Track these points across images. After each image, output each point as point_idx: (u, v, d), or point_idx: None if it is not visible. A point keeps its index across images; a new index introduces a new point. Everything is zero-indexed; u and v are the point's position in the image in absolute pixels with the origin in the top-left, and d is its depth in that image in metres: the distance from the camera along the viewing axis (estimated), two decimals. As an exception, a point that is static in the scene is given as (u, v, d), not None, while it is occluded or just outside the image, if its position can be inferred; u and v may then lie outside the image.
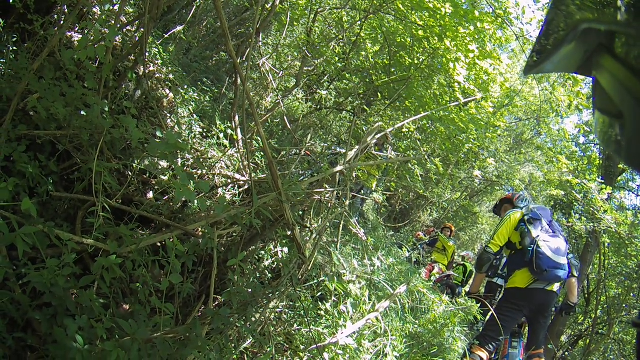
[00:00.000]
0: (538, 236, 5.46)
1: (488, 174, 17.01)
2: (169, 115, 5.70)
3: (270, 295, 3.76)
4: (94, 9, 5.84)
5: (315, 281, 4.40)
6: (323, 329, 3.90)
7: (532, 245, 5.44)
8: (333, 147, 8.59)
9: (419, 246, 13.20)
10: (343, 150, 5.83)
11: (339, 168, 4.80)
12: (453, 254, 13.17)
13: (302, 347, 3.79)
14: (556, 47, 0.93)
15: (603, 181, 10.54)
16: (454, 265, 12.98)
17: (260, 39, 8.41)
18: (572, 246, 12.72)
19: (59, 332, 2.61)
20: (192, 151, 5.24)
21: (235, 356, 3.45)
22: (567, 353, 12.66)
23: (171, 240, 3.18)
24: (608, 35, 0.82)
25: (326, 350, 3.63)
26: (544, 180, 14.85)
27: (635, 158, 0.76)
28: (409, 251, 11.74)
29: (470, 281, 12.24)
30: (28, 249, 2.57)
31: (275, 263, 4.55)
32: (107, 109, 3.69)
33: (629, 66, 0.75)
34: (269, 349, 3.64)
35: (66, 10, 5.21)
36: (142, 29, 4.48)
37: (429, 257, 13.23)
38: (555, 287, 5.50)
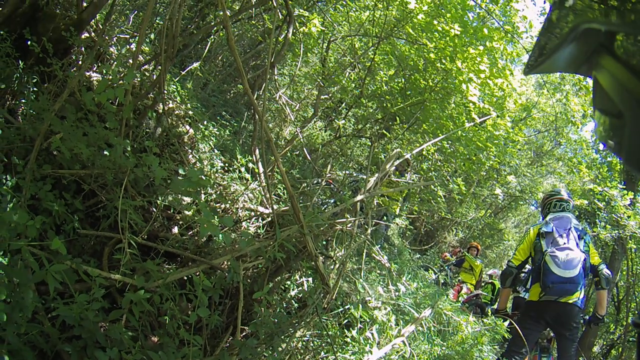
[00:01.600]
0: (546, 250, 5.45)
1: (511, 189, 16.89)
2: (190, 150, 5.80)
3: (296, 324, 3.80)
4: (111, 49, 6.00)
5: (341, 309, 4.43)
6: (350, 356, 3.92)
7: (540, 261, 5.46)
8: (354, 174, 8.63)
9: (446, 267, 13.13)
10: (364, 177, 5.88)
11: (359, 197, 4.85)
12: (481, 272, 13.06)
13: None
14: (557, 46, 0.95)
15: (625, 186, 10.41)
16: (482, 284, 12.86)
17: (276, 71, 8.55)
18: (599, 255, 12.56)
19: (90, 363, 2.69)
20: (215, 186, 5.32)
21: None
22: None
23: (197, 275, 3.24)
24: (608, 35, 0.83)
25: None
26: (567, 191, 14.68)
27: (635, 158, 0.78)
28: (435, 273, 11.67)
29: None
30: (58, 285, 2.65)
31: (302, 292, 4.59)
32: (129, 148, 3.79)
33: (629, 66, 0.77)
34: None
35: (83, 51, 5.36)
36: (159, 67, 4.60)
37: (457, 277, 13.13)
38: (574, 299, 5.43)
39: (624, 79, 0.78)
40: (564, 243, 5.47)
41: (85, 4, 5.11)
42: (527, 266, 6.06)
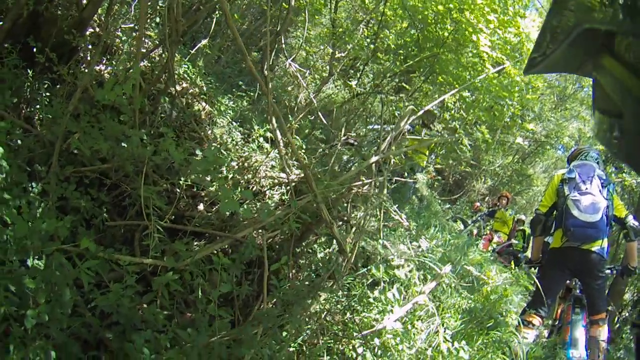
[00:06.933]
0: (568, 195, 5.45)
1: (536, 134, 16.68)
2: (208, 127, 5.86)
3: (311, 295, 3.89)
4: (117, 40, 6.02)
5: (365, 270, 4.50)
6: (375, 315, 4.01)
7: (563, 205, 5.46)
8: (376, 126, 8.56)
9: (479, 217, 13.11)
10: (387, 128, 5.87)
11: (374, 159, 4.85)
12: (514, 222, 12.92)
13: (354, 334, 3.91)
14: (557, 46, 0.95)
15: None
16: (515, 233, 12.72)
17: (286, 36, 8.50)
18: (625, 202, 12.25)
19: (128, 346, 2.87)
20: (237, 158, 5.39)
21: (293, 347, 3.61)
22: (627, 314, 12.22)
23: (218, 252, 3.38)
24: (608, 35, 0.84)
25: (377, 336, 3.75)
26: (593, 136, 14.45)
27: (635, 157, 0.81)
28: (465, 224, 11.67)
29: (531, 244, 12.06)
30: (92, 280, 2.81)
31: (326, 257, 4.67)
32: (145, 137, 3.88)
33: (629, 66, 0.78)
34: (323, 340, 3.79)
35: (90, 47, 5.40)
36: (167, 52, 4.64)
37: (488, 227, 13.04)
38: (596, 246, 5.41)
39: (624, 79, 0.79)
40: (586, 189, 5.44)
41: (85, 2, 5.13)
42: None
